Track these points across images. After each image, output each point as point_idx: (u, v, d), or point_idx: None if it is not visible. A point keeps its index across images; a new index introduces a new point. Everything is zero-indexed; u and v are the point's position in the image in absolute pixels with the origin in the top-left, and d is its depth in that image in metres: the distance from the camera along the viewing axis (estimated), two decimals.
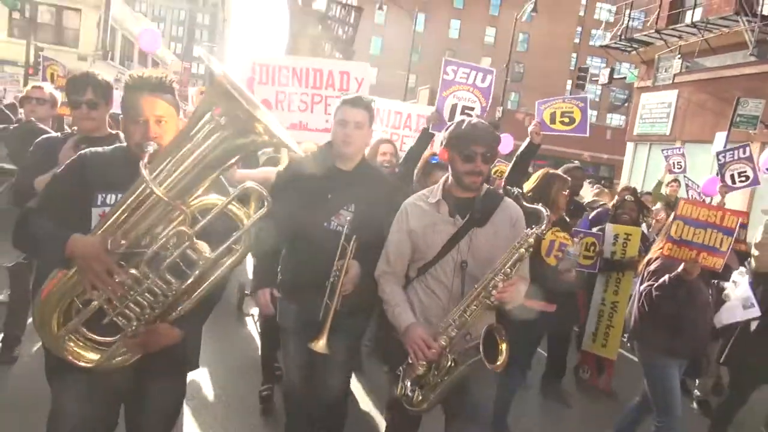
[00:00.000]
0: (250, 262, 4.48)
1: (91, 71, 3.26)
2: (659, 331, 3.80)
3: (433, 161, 4.22)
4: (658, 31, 15.34)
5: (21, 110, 6.00)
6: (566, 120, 4.54)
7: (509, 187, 3.68)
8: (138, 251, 2.00)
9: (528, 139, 4.34)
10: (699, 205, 3.86)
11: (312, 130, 5.45)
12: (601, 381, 5.62)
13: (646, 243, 5.62)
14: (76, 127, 3.48)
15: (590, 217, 6.29)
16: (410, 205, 2.90)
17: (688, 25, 14.38)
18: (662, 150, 9.38)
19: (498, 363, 2.53)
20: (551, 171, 4.36)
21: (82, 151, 2.32)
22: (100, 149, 2.34)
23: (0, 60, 27.12)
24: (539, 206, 2.73)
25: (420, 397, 2.67)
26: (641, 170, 16.92)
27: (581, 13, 58.28)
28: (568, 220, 4.51)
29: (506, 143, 8.41)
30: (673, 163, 8.98)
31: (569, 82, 53.21)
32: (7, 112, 6.87)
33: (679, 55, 14.70)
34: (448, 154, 2.82)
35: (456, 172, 2.78)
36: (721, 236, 3.69)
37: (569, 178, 4.47)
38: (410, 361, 2.66)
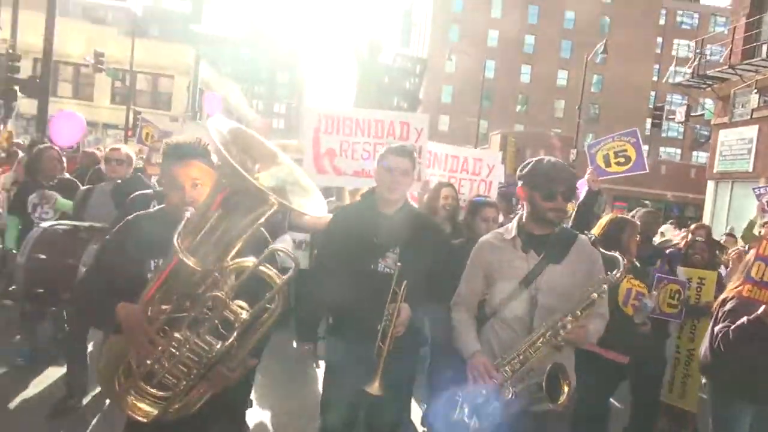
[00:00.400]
0: None
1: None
2: (736, 374, 3.64)
3: (478, 201, 4.41)
4: (732, 67, 15.07)
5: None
6: (621, 160, 4.46)
7: (586, 233, 3.67)
8: (182, 315, 2.08)
9: (586, 188, 4.33)
10: None
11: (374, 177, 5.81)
12: None
13: (722, 286, 5.19)
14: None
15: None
16: (486, 241, 2.99)
17: (763, 59, 14.07)
18: (753, 189, 8.94)
19: (560, 402, 2.56)
20: (620, 216, 4.31)
21: (129, 217, 2.46)
22: (144, 213, 2.48)
23: (105, 124, 30.07)
24: (616, 254, 2.77)
25: (477, 425, 2.66)
26: (724, 209, 16.34)
27: (658, 51, 57.34)
28: (638, 265, 4.36)
29: (582, 188, 8.34)
30: (767, 201, 8.54)
31: (648, 120, 52.08)
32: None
33: (756, 90, 14.34)
34: (527, 192, 2.85)
35: (537, 209, 2.81)
36: None
37: (639, 223, 4.38)
38: (470, 388, 2.69)
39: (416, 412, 4.97)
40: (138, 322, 2.05)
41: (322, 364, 4.66)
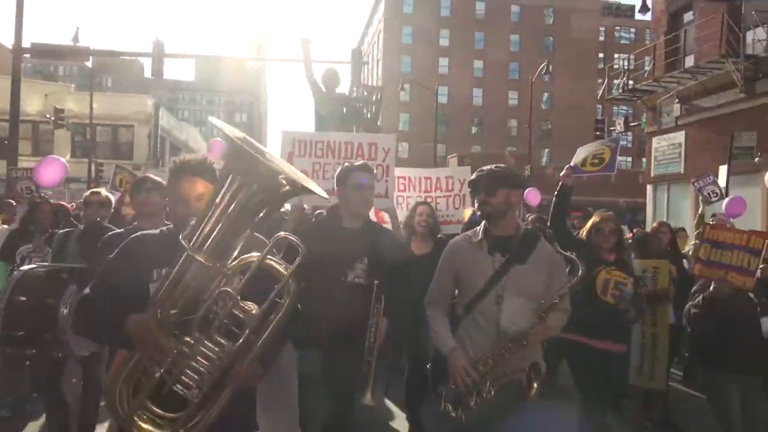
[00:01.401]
0: None
1: (147, 175, 3.96)
2: (708, 347, 4.03)
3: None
4: (656, 80, 16.48)
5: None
6: (596, 161, 4.67)
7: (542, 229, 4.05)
8: (191, 318, 2.04)
9: (560, 183, 4.58)
10: (724, 230, 4.15)
11: None
12: (655, 413, 5.57)
13: (684, 276, 5.66)
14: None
15: None
16: (454, 244, 3.20)
17: (682, 72, 15.48)
18: (693, 182, 9.09)
19: (531, 395, 2.79)
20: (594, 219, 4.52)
21: (134, 235, 2.46)
22: (148, 231, 2.51)
23: (67, 178, 30.15)
24: (572, 255, 3.06)
25: (463, 417, 2.85)
26: (663, 210, 17.59)
27: (600, 66, 59.81)
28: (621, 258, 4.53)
29: (533, 196, 8.95)
30: (708, 193, 8.56)
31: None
32: (75, 222, 7.54)
33: (677, 100, 15.76)
34: (471, 198, 3.30)
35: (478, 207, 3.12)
36: (749, 256, 3.92)
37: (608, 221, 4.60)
38: (451, 384, 2.87)
39: (399, 415, 5.44)
40: (148, 329, 2.02)
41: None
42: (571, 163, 4.62)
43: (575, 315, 3.13)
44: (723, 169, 12.13)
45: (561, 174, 4.61)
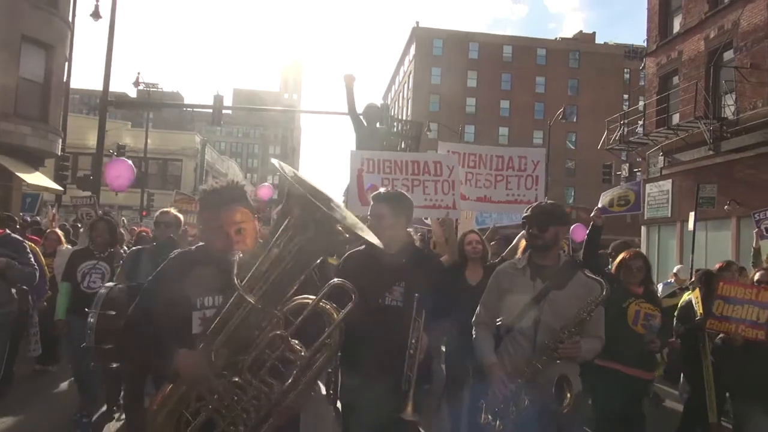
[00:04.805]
0: None
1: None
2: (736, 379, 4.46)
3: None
4: (646, 134, 18.68)
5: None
6: (622, 203, 5.16)
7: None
8: (239, 359, 2.05)
9: (591, 223, 4.93)
10: (735, 285, 4.39)
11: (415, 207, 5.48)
12: None
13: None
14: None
15: None
16: (501, 270, 3.46)
17: (667, 129, 17.66)
18: (753, 213, 8.88)
19: (564, 405, 2.95)
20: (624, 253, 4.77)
21: (171, 257, 2.43)
22: (185, 252, 2.48)
23: (120, 206, 33.31)
24: (599, 278, 3.22)
25: (501, 427, 3.01)
26: (655, 249, 19.59)
27: (625, 107, 60.86)
28: (652, 290, 4.74)
29: (579, 232, 9.72)
30: (766, 228, 8.31)
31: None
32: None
33: (662, 153, 17.95)
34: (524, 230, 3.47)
35: (528, 240, 3.46)
36: (758, 310, 4.14)
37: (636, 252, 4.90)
38: (490, 395, 3.06)
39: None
40: (199, 367, 2.02)
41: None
42: (599, 205, 4.99)
43: (608, 343, 3.35)
44: (692, 215, 14.25)
45: (591, 215, 4.97)
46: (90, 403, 5.37)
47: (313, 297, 2.05)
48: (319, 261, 2.18)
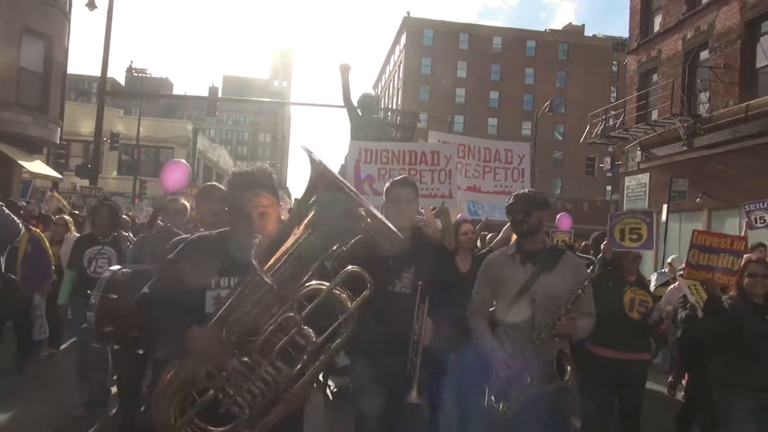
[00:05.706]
0: None
1: (214, 183, 4.20)
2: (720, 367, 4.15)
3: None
4: (626, 129, 19.46)
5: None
6: (634, 237, 4.81)
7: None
8: (250, 339, 2.06)
9: (600, 255, 4.99)
10: (710, 234, 4.39)
11: None
12: None
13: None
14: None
15: None
16: (491, 258, 3.60)
17: (645, 124, 18.43)
18: (744, 205, 8.57)
19: (566, 378, 3.06)
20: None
21: (192, 237, 2.51)
22: (206, 234, 2.54)
23: (112, 192, 33.58)
24: (591, 256, 3.52)
25: (505, 408, 3.10)
26: None
27: (613, 99, 61.35)
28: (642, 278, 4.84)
29: (565, 221, 10.20)
30: (755, 218, 7.92)
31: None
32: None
33: (639, 148, 18.76)
34: (508, 218, 3.60)
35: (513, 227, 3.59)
36: (732, 258, 4.18)
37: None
38: (493, 377, 3.14)
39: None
40: (210, 346, 2.04)
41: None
42: (608, 236, 4.86)
43: (604, 330, 3.52)
44: (665, 207, 15.06)
45: (602, 247, 5.04)
46: (89, 385, 5.42)
47: (326, 283, 2.09)
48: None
